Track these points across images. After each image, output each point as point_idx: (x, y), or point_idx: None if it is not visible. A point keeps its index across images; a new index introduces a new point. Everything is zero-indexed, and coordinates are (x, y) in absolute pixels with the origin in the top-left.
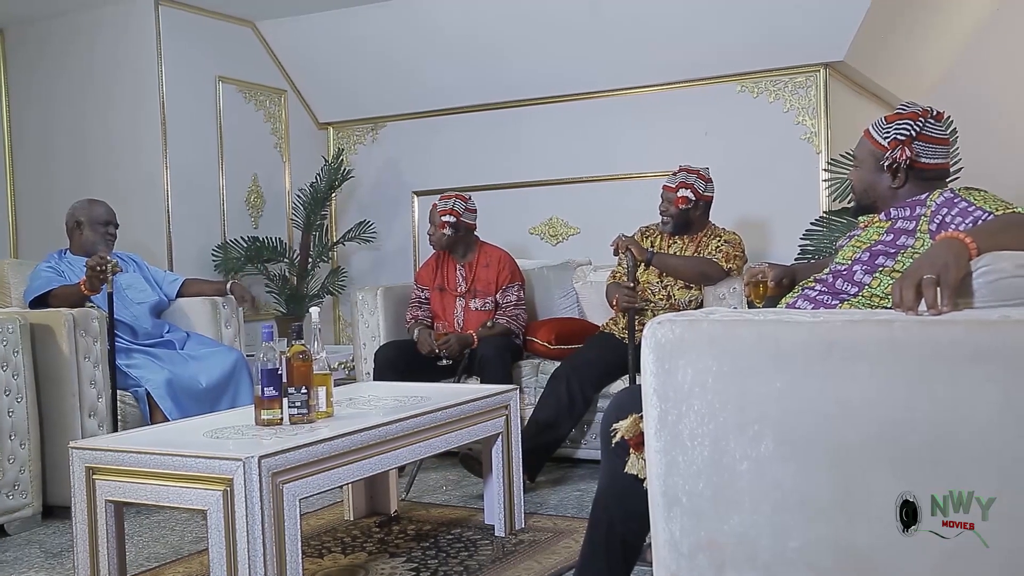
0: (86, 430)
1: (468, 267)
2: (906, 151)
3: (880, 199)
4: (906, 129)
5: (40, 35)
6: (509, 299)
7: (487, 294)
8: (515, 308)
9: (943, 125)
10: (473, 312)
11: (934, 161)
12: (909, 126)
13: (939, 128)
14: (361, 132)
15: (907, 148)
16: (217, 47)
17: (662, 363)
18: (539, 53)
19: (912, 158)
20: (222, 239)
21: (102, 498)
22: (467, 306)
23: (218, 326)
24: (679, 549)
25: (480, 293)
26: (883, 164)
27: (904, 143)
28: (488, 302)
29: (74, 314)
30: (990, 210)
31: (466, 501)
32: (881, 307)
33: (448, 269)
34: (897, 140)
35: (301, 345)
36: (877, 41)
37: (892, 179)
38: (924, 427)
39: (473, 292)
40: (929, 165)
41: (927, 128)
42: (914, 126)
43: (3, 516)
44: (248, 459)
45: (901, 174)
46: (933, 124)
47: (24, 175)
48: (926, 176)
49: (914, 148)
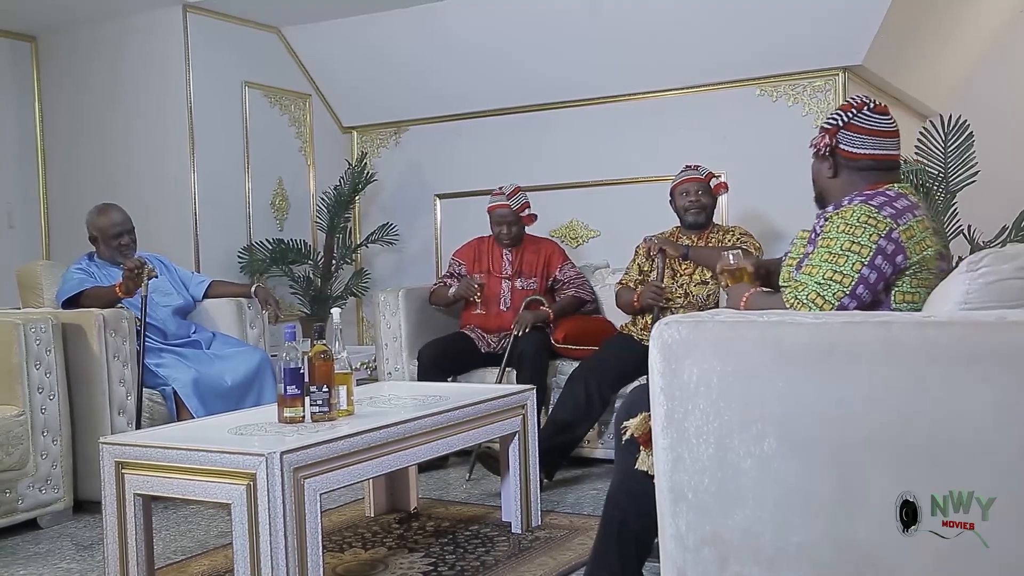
0: (115, 427)
1: (515, 252)
2: (827, 138)
3: (823, 190)
4: (835, 118)
5: (71, 44)
6: (569, 275)
7: (531, 275)
8: (578, 279)
9: (885, 118)
10: (519, 291)
11: (860, 151)
12: (839, 116)
13: (872, 119)
14: (384, 136)
15: (829, 136)
16: (243, 53)
17: (669, 363)
18: (558, 58)
19: (833, 146)
20: (248, 241)
21: (131, 492)
22: (513, 286)
23: (243, 326)
24: (685, 543)
25: (525, 274)
26: (812, 152)
27: (829, 131)
28: (532, 282)
29: (104, 314)
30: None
31: (484, 499)
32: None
33: (494, 254)
34: (824, 128)
35: (323, 345)
36: (897, 45)
37: (827, 168)
38: (923, 427)
39: (519, 273)
40: (854, 154)
41: (857, 119)
42: (844, 116)
43: (36, 510)
44: (270, 455)
45: (831, 163)
46: (867, 115)
47: (55, 179)
48: (858, 166)
49: (837, 136)
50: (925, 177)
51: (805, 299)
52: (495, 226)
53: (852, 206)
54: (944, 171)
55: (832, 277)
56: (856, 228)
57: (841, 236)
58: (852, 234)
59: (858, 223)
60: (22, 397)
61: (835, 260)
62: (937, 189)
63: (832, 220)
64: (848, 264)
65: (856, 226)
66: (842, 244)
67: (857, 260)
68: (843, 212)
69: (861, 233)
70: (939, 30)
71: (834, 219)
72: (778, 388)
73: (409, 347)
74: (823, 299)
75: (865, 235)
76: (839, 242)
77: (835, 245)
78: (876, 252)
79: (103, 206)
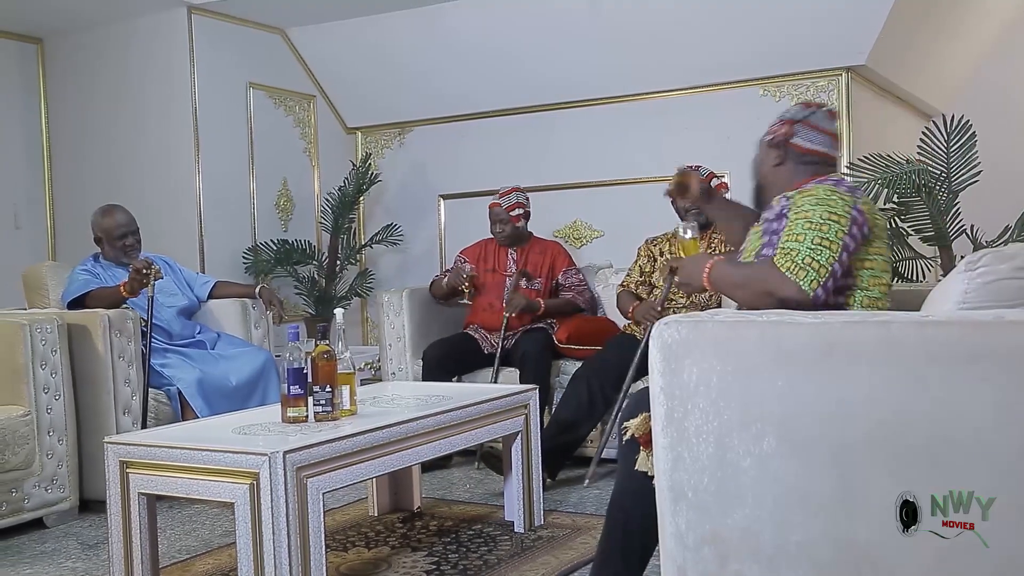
0: (120, 427)
1: (521, 252)
2: (785, 127)
3: (766, 179)
4: (793, 113)
5: (77, 46)
6: (571, 281)
7: (537, 276)
8: (580, 286)
9: (832, 121)
10: (522, 290)
11: (811, 146)
12: (796, 111)
13: (826, 121)
14: (388, 137)
15: (787, 126)
16: (248, 54)
17: (669, 363)
18: (561, 59)
19: (788, 136)
20: (252, 242)
21: (135, 491)
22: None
23: (248, 327)
24: (685, 542)
25: (530, 275)
26: (768, 139)
27: (787, 122)
28: (537, 283)
29: (109, 315)
30: (785, 240)
31: (487, 498)
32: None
33: (500, 254)
34: (782, 120)
35: (326, 345)
36: (900, 45)
37: (775, 157)
38: (922, 426)
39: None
40: (805, 148)
41: (813, 117)
42: (803, 112)
43: (42, 509)
44: (274, 454)
45: (780, 151)
46: (822, 116)
47: (61, 180)
48: (804, 160)
49: (794, 128)
50: (927, 177)
51: (801, 262)
52: (492, 225)
53: (814, 187)
54: (947, 171)
55: (821, 243)
56: (828, 201)
57: (817, 208)
58: (827, 205)
59: (827, 197)
60: (28, 397)
61: (819, 228)
62: (939, 189)
63: (797, 200)
64: (832, 232)
65: (827, 199)
66: (820, 214)
67: (839, 228)
68: (807, 191)
69: (835, 205)
70: (943, 29)
71: (798, 199)
72: (777, 387)
73: (413, 347)
74: (818, 263)
75: (839, 206)
76: (817, 213)
77: (814, 216)
78: (851, 222)
79: (108, 207)
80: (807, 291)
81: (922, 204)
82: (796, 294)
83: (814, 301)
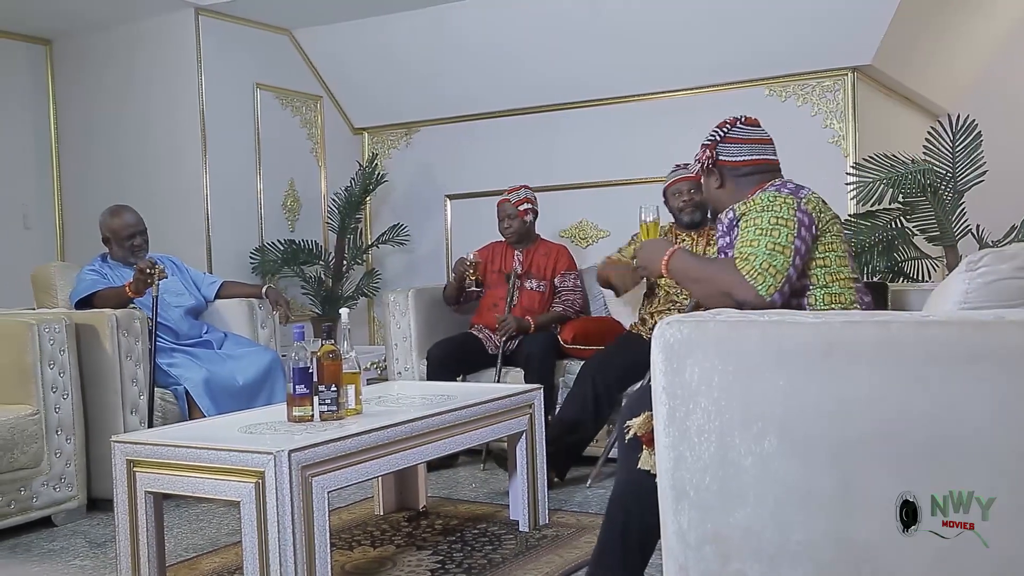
0: (128, 426)
1: (526, 253)
2: (707, 152)
3: (714, 201)
4: (712, 135)
5: (85, 47)
6: (567, 284)
7: (542, 278)
8: (571, 293)
9: (756, 128)
10: (527, 291)
11: (739, 159)
12: (716, 133)
13: (745, 130)
14: (395, 137)
15: (710, 150)
16: (255, 55)
17: (671, 362)
18: (567, 60)
19: (714, 158)
20: (260, 242)
21: (142, 489)
22: (522, 286)
23: (255, 327)
24: (687, 541)
25: (535, 275)
26: (696, 170)
27: (708, 147)
28: (542, 284)
29: (117, 315)
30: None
31: (493, 497)
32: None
33: (507, 255)
34: (704, 145)
35: (331, 345)
36: (906, 44)
37: (714, 181)
38: (922, 426)
39: (528, 274)
40: (735, 163)
41: (733, 132)
42: (720, 132)
43: (50, 508)
44: (279, 453)
45: (716, 175)
46: (740, 128)
47: (70, 181)
48: (740, 173)
49: (717, 150)
50: (932, 177)
51: (759, 267)
52: (499, 221)
53: (757, 196)
54: (952, 170)
55: (775, 248)
56: (772, 207)
57: (764, 214)
58: (772, 211)
59: (771, 202)
60: (36, 396)
61: (769, 233)
62: (945, 189)
63: (741, 209)
64: (783, 236)
65: (771, 205)
66: (768, 220)
67: (788, 232)
68: (751, 201)
69: (779, 209)
70: (950, 29)
71: (742, 208)
72: (779, 387)
73: (419, 347)
74: (775, 268)
75: (783, 210)
76: (764, 219)
77: (762, 222)
78: (798, 224)
79: (116, 207)
80: (764, 296)
81: (927, 204)
82: (753, 299)
83: (770, 306)
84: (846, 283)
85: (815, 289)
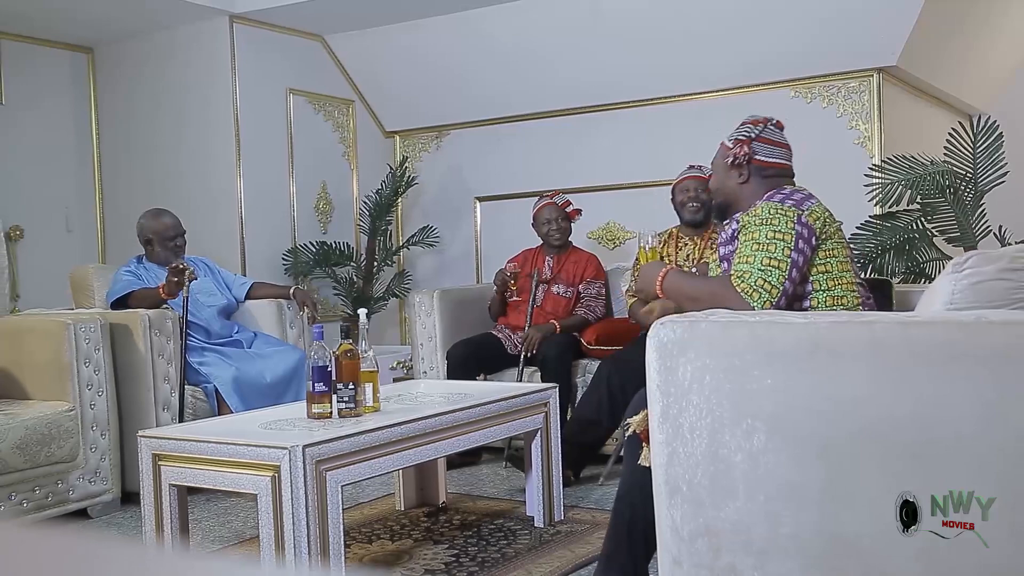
0: (160, 422)
1: (558, 259)
2: (745, 148)
3: (731, 197)
4: (747, 131)
5: (124, 54)
6: (591, 292)
7: (570, 284)
8: (594, 300)
9: (781, 132)
10: (553, 295)
11: (771, 159)
12: (750, 129)
13: (777, 133)
14: (426, 140)
15: (746, 146)
16: (288, 61)
17: (665, 361)
18: (594, 62)
19: (750, 154)
20: (292, 244)
21: (166, 482)
22: (549, 289)
23: (283, 326)
24: (680, 534)
25: (563, 281)
26: (728, 161)
27: (744, 142)
28: (569, 290)
29: (150, 315)
30: (737, 262)
31: (512, 494)
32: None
33: (538, 260)
34: (739, 140)
35: (349, 344)
36: (933, 44)
37: (738, 175)
38: (908, 424)
39: (556, 279)
40: (766, 163)
41: (765, 132)
42: (754, 129)
43: (86, 500)
44: (293, 448)
45: (744, 170)
46: (772, 129)
47: (110, 184)
48: (766, 173)
49: (752, 147)
50: (952, 177)
51: (754, 284)
52: (543, 226)
53: (758, 207)
54: (973, 171)
55: (770, 263)
56: (771, 219)
57: (762, 228)
58: (771, 225)
59: (770, 215)
60: (72, 393)
61: (766, 248)
62: (965, 189)
63: (744, 221)
64: (779, 251)
65: (770, 219)
66: (765, 234)
67: (785, 246)
68: (752, 212)
69: (778, 223)
70: (979, 28)
71: (745, 220)
72: (768, 385)
73: (443, 347)
74: (769, 283)
75: (782, 224)
76: (762, 233)
77: (760, 236)
78: (796, 237)
79: (156, 210)
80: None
81: (948, 205)
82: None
83: None
84: (848, 286)
85: (817, 293)
